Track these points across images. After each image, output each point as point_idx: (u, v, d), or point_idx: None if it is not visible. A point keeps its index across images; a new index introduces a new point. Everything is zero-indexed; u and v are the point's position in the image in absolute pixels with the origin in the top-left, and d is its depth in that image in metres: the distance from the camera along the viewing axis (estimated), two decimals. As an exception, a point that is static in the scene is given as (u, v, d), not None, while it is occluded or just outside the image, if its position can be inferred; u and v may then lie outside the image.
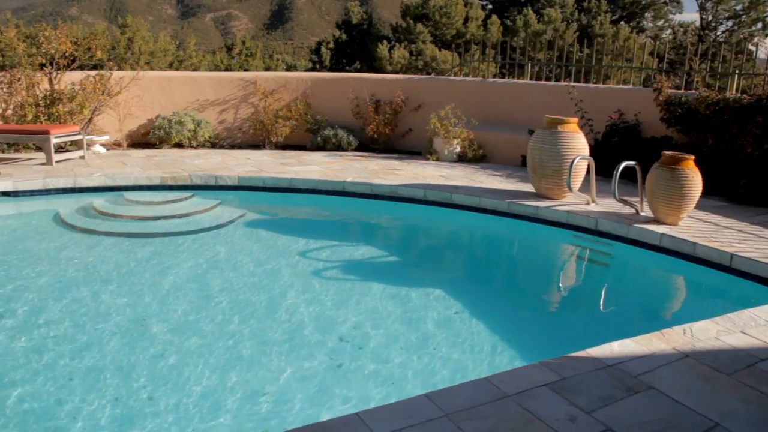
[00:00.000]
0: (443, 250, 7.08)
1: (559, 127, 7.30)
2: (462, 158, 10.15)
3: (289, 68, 39.83)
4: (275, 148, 11.07)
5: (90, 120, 10.76)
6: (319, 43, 35.18)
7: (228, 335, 4.28)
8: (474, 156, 10.11)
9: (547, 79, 12.28)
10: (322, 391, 3.58)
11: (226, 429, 3.21)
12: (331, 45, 33.89)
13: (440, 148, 10.14)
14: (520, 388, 2.98)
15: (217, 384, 3.62)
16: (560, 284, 6.07)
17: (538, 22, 30.07)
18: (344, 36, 33.32)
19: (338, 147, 10.93)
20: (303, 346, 4.15)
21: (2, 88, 10.55)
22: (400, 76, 12.66)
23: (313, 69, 33.16)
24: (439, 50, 27.88)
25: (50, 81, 10.74)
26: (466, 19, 30.87)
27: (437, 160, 10.08)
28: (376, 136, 11.04)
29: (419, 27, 29.23)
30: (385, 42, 28.65)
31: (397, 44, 28.34)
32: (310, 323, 4.48)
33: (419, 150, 10.86)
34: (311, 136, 11.21)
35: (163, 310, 4.70)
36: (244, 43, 34.64)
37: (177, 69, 26.70)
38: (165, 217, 7.05)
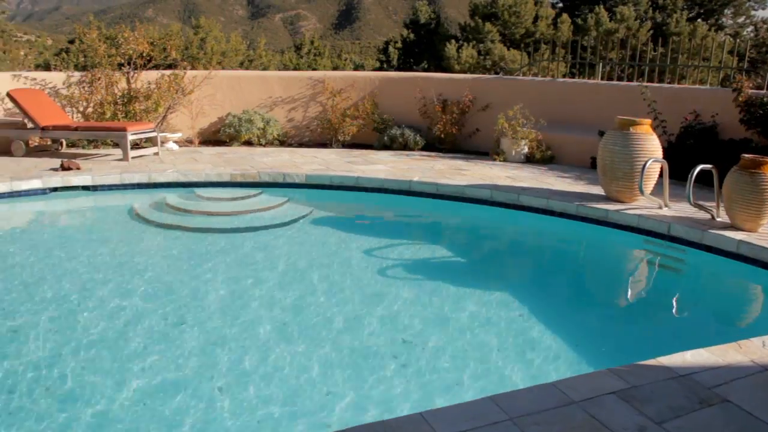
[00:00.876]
0: (509, 252, 7.00)
1: (631, 129, 7.10)
2: (529, 159, 10.01)
3: (356, 67, 40.14)
4: (342, 146, 11.18)
5: (164, 118, 11.11)
6: (387, 43, 35.31)
7: (295, 331, 4.34)
8: (542, 157, 9.95)
9: (619, 79, 11.97)
10: (386, 390, 3.59)
11: (292, 423, 3.26)
12: (399, 44, 33.95)
13: (507, 148, 10.03)
14: (587, 394, 2.92)
15: (284, 379, 3.68)
16: (630, 290, 5.91)
17: (610, 21, 29.33)
18: (412, 35, 33.32)
19: (405, 146, 10.94)
20: (368, 345, 4.17)
21: (84, 87, 11.02)
22: (468, 75, 12.59)
23: (380, 68, 33.29)
24: (508, 50, 27.56)
25: (128, 80, 11.15)
26: (536, 18, 30.41)
27: (504, 160, 9.97)
28: (442, 135, 11.01)
29: (488, 26, 28.96)
30: (453, 41, 28.50)
31: (465, 44, 28.15)
32: (375, 322, 4.50)
33: (486, 150, 10.77)
34: (378, 136, 11.26)
35: (230, 304, 4.80)
36: (312, 42, 35.09)
37: (247, 68, 27.28)
38: (234, 214, 7.21)
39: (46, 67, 22.10)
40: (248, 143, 11.02)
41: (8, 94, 9.97)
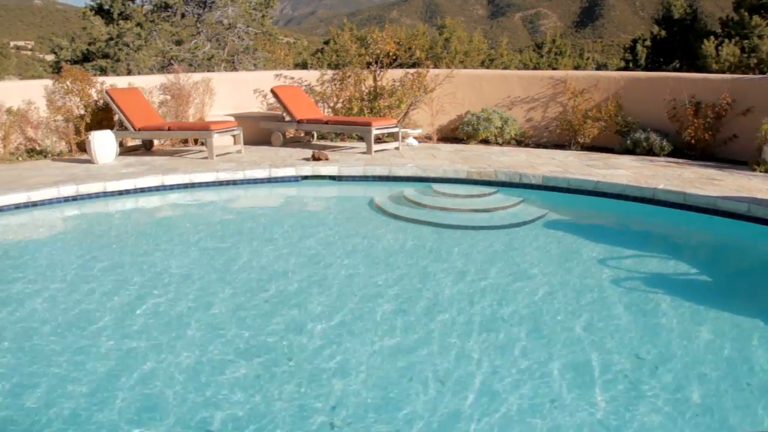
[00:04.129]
0: (765, 275, 6.24)
1: None
2: (799, 171, 8.85)
3: (598, 67, 38.47)
4: (581, 149, 10.79)
5: (406, 114, 11.58)
6: (635, 41, 33.31)
7: (520, 333, 4.28)
8: (815, 170, 8.74)
9: None
10: (613, 413, 3.38)
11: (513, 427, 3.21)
12: (648, 42, 31.88)
13: (771, 158, 8.95)
14: None
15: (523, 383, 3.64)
16: None
17: None
18: (663, 32, 31.10)
19: (649, 151, 10.26)
20: (592, 359, 3.96)
21: (335, 84, 11.86)
22: (727, 75, 11.45)
23: (625, 68, 31.55)
24: (779, 46, 24.56)
25: (374, 78, 11.79)
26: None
27: (766, 171, 8.92)
28: (693, 141, 10.14)
29: (756, 20, 25.98)
30: (711, 38, 26.08)
31: (726, 40, 25.59)
32: (605, 336, 4.27)
33: (744, 159, 9.70)
34: (620, 139, 10.69)
35: (458, 299, 4.86)
36: (554, 41, 34.25)
37: (488, 67, 27.46)
38: (468, 210, 7.30)
39: (303, 66, 24.17)
40: (485, 141, 11.09)
41: (272, 91, 11.06)
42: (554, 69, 28.23)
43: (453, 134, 11.67)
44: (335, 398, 3.46)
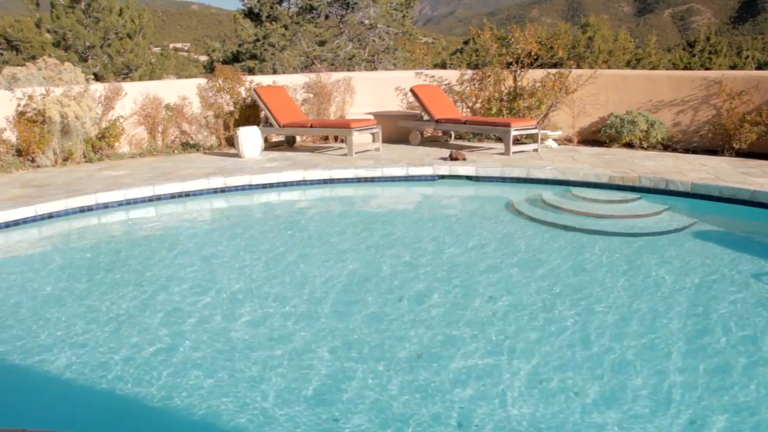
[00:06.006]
0: None
1: None
2: None
3: (759, 66, 35.69)
4: (735, 155, 10.04)
5: (545, 115, 11.33)
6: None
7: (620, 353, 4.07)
8: None
9: None
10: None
11: None
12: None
13: None
14: None
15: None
16: None
17: None
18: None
19: (816, 159, 9.39)
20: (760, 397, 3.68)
21: (474, 84, 11.81)
22: None
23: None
24: None
25: (514, 78, 11.63)
26: None
27: None
28: None
29: None
30: None
31: None
32: (742, 364, 3.96)
33: None
34: (782, 145, 9.86)
35: (598, 311, 4.70)
36: (708, 39, 32.17)
37: (633, 67, 26.26)
38: (608, 216, 7.03)
39: (442, 66, 24.27)
40: (628, 145, 10.62)
41: (411, 90, 11.20)
42: (707, 69, 26.52)
43: (594, 137, 11.26)
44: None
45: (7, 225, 6.69)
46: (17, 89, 9.64)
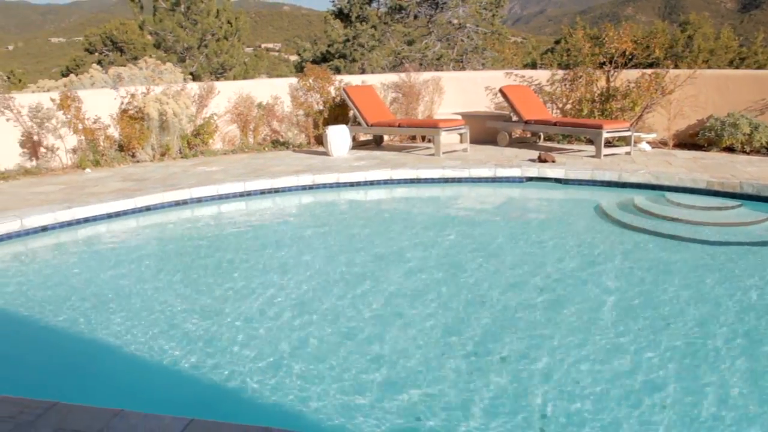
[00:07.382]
0: None
1: None
2: None
3: None
4: None
5: (639, 117, 10.97)
6: None
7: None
8: None
9: None
10: None
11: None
12: None
13: None
14: None
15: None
16: None
17: None
18: None
19: None
20: None
21: (565, 85, 11.57)
22: None
23: None
24: None
25: (607, 78, 11.31)
26: None
27: None
28: None
29: None
30: None
31: None
32: None
33: None
34: None
35: (692, 323, 4.52)
36: (819, 37, 30.15)
37: (737, 67, 24.96)
38: (705, 224, 6.72)
39: (533, 66, 23.88)
40: (729, 149, 10.11)
41: (500, 90, 11.09)
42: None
43: (692, 140, 10.79)
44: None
45: (110, 216, 7.12)
46: (121, 88, 10.19)
